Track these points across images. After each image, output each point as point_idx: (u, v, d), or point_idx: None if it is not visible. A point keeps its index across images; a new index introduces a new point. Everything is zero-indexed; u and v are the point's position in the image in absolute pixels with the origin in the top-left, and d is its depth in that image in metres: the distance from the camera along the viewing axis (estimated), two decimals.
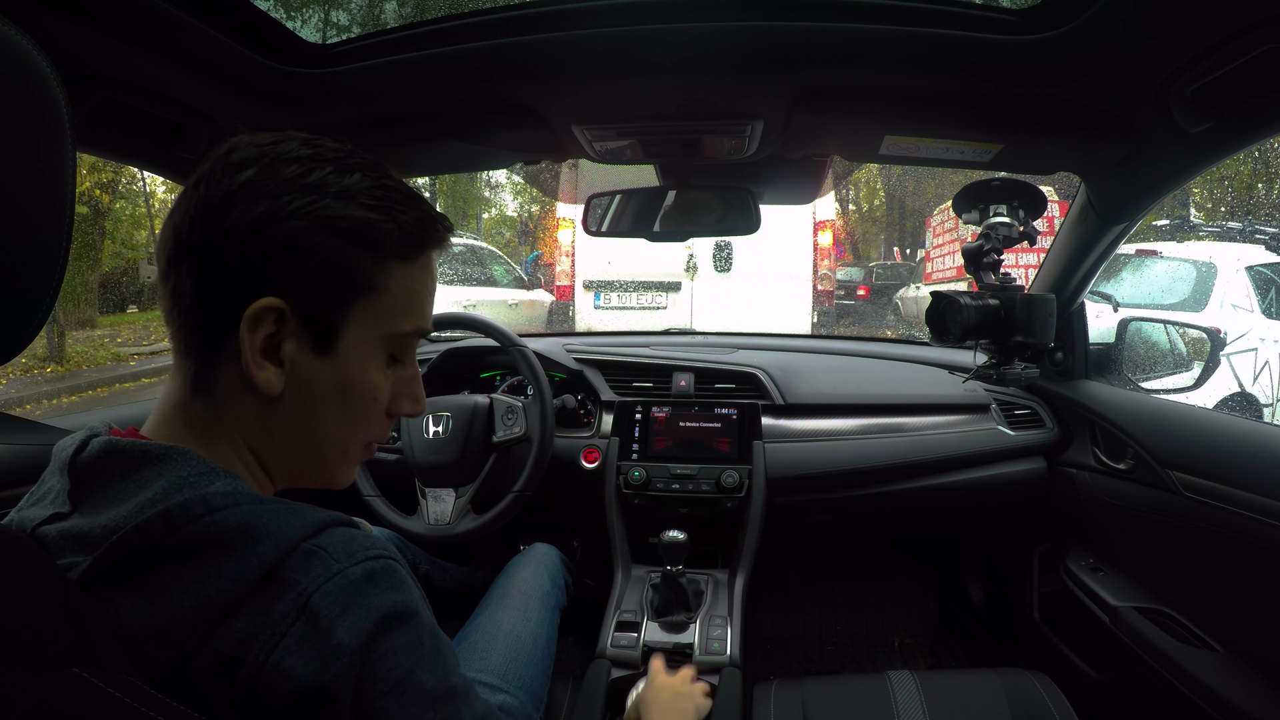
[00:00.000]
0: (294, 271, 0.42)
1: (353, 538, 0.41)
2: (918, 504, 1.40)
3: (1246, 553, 0.90)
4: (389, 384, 0.49)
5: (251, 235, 0.41)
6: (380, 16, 8.58)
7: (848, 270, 12.99)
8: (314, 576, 0.38)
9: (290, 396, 0.45)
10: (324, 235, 0.43)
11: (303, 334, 0.44)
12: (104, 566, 0.37)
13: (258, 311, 0.42)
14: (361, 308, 0.45)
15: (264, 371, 0.43)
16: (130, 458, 0.41)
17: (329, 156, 0.44)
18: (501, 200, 20.35)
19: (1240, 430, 1.01)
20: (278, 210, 0.41)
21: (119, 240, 9.40)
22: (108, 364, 7.10)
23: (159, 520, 0.38)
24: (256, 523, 0.39)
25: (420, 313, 0.49)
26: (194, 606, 0.36)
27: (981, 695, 0.96)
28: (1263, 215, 8.41)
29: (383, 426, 0.51)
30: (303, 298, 0.43)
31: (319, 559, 0.39)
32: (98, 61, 0.69)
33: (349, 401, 0.47)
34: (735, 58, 0.79)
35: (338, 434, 0.48)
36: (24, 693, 0.31)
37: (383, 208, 0.45)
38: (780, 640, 1.76)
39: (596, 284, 5.42)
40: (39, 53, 0.35)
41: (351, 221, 0.43)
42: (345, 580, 0.39)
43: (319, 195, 0.42)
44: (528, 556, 1.15)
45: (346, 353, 0.46)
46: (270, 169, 0.42)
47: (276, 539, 0.38)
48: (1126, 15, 0.66)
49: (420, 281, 0.48)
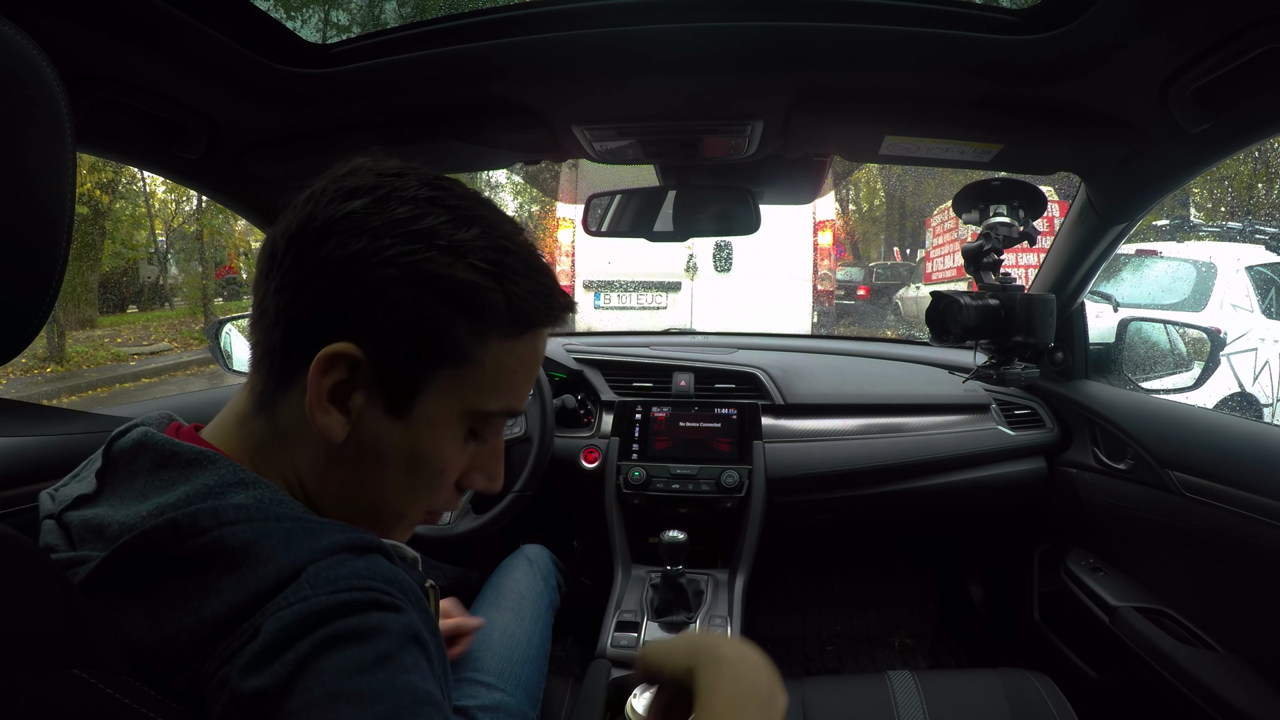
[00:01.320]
0: (379, 322, 0.39)
1: (355, 569, 0.37)
2: (918, 504, 1.40)
3: (1246, 553, 0.90)
4: (464, 458, 0.45)
5: (342, 272, 0.38)
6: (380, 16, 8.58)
7: (848, 270, 13.00)
8: (282, 600, 0.34)
9: (353, 449, 0.42)
10: (419, 291, 0.39)
11: (376, 389, 0.40)
12: (110, 568, 0.37)
13: (331, 356, 0.39)
14: (446, 376, 0.41)
15: (328, 417, 0.40)
16: (160, 455, 0.40)
17: (449, 203, 0.40)
18: (501, 200, 20.34)
19: (1240, 430, 1.01)
20: (376, 252, 0.38)
21: (119, 240, 9.40)
22: (108, 364, 7.10)
23: (166, 529, 0.36)
24: (265, 543, 0.36)
25: (514, 394, 0.44)
26: (189, 626, 0.35)
27: (981, 695, 0.96)
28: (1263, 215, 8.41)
29: (449, 498, 0.47)
30: (383, 352, 0.40)
31: (301, 584, 0.35)
32: (98, 61, 0.69)
33: (415, 470, 0.43)
34: (735, 58, 0.79)
35: (397, 499, 0.44)
36: (24, 693, 0.31)
37: (494, 273, 0.40)
38: (780, 640, 1.76)
39: (596, 284, 5.43)
40: (39, 53, 0.35)
41: (454, 282, 0.39)
42: (307, 608, 0.34)
43: (425, 245, 0.39)
44: (519, 558, 1.15)
45: (421, 419, 0.42)
46: (381, 204, 0.39)
47: (281, 563, 0.35)
48: (1126, 15, 0.66)
49: (520, 360, 0.44)
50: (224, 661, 0.34)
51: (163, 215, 10.78)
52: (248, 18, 0.74)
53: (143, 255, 10.57)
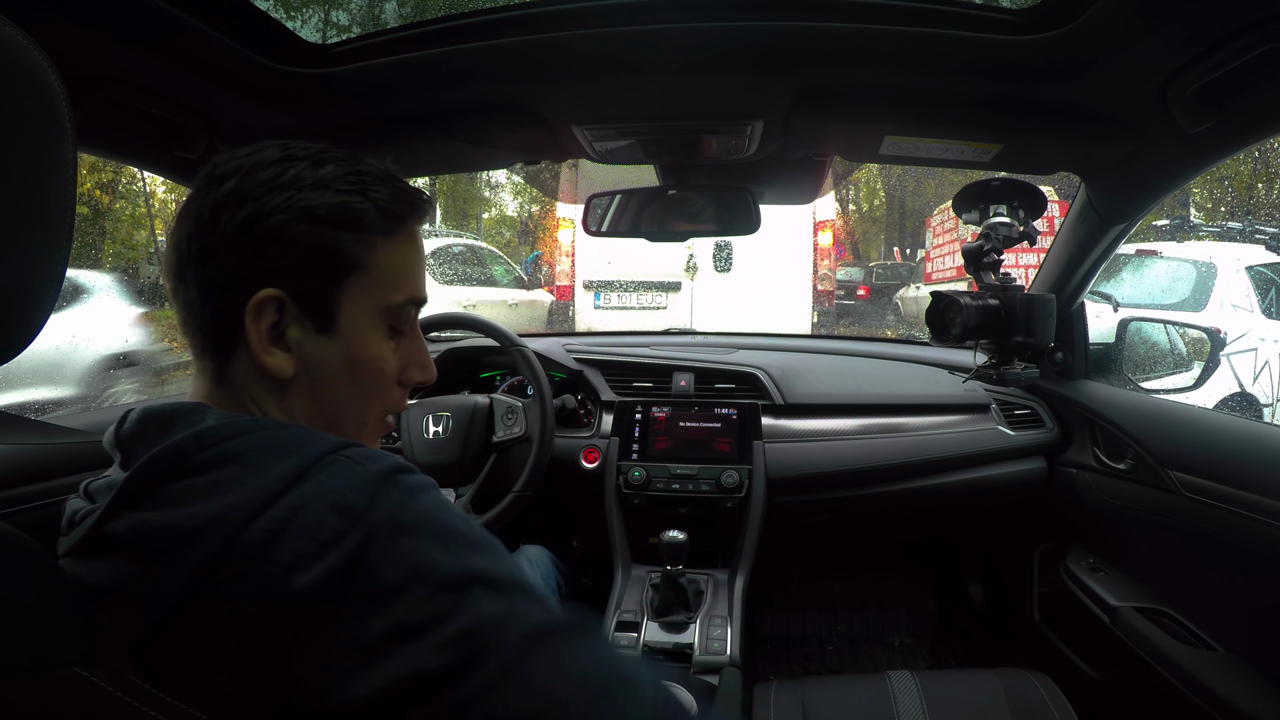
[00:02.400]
0: (284, 262, 0.45)
1: (376, 450, 0.43)
2: (918, 504, 1.40)
3: (1246, 553, 0.90)
4: (395, 355, 0.52)
5: (241, 237, 0.44)
6: (380, 16, 8.59)
7: (848, 270, 12.99)
8: (335, 476, 0.38)
9: (302, 377, 0.48)
10: (305, 224, 0.45)
11: (304, 318, 0.47)
12: (134, 485, 0.39)
13: (258, 303, 0.45)
14: (353, 285, 0.48)
15: (273, 357, 0.46)
16: (163, 417, 0.44)
17: (301, 155, 0.47)
18: (501, 200, 20.34)
19: (1240, 430, 1.01)
20: (260, 210, 0.44)
21: (119, 240, 9.39)
22: None
23: (191, 439, 0.40)
24: (283, 441, 0.40)
25: (410, 283, 0.51)
26: (217, 514, 0.37)
27: (981, 695, 0.96)
28: (1263, 215, 8.41)
29: (396, 396, 0.53)
30: (297, 284, 0.46)
31: (345, 464, 0.39)
32: (98, 61, 0.69)
33: (357, 375, 0.50)
34: (735, 58, 0.79)
35: (352, 408, 0.51)
36: (25, 692, 0.31)
37: (357, 190, 0.47)
38: (780, 640, 1.76)
39: (596, 284, 5.43)
40: (39, 53, 0.35)
41: (329, 208, 0.46)
42: (368, 474, 0.39)
43: (295, 190, 0.45)
44: (519, 558, 1.15)
45: (347, 329, 0.48)
46: (249, 176, 0.45)
47: (299, 454, 0.39)
48: (1126, 15, 0.66)
49: (405, 254, 0.51)
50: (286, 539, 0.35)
51: (163, 215, 10.75)
52: (248, 18, 0.74)
53: (143, 255, 10.57)
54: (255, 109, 0.87)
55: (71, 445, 0.81)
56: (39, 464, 0.78)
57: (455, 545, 0.38)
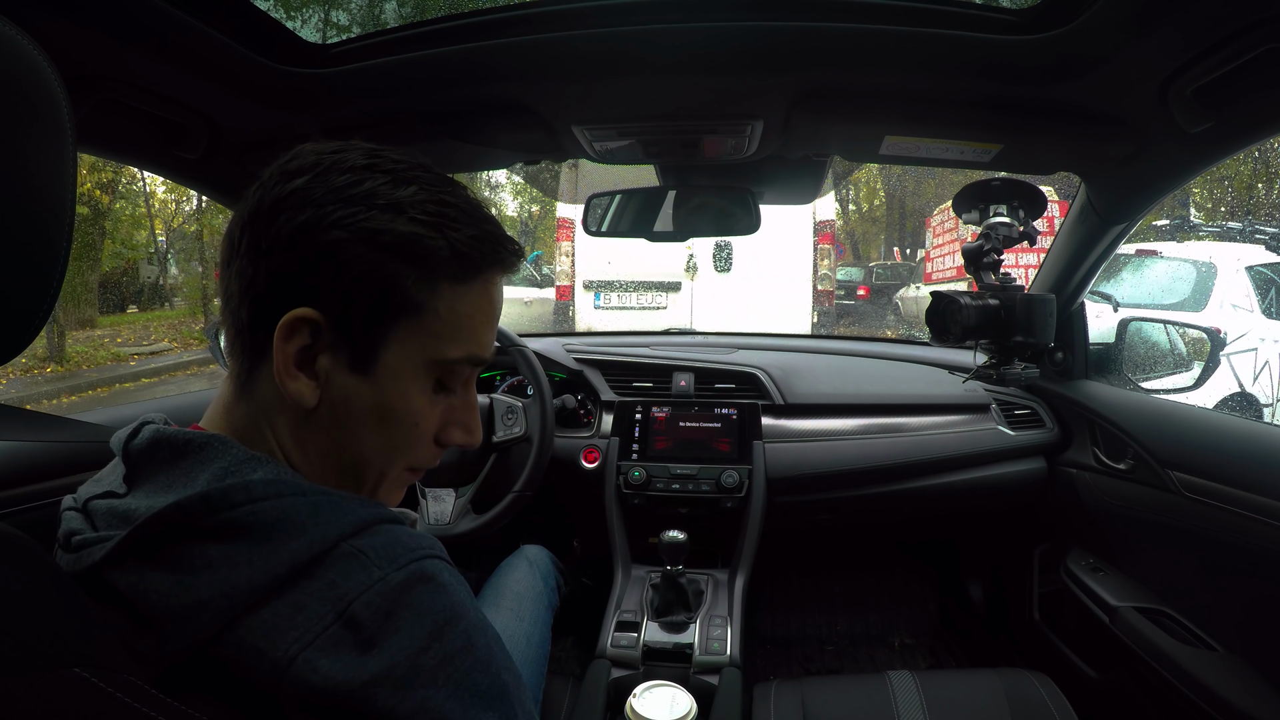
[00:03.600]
0: (333, 284, 0.41)
1: (396, 538, 0.39)
2: (918, 504, 1.40)
3: (1246, 553, 0.90)
4: (437, 411, 0.47)
5: (294, 243, 0.40)
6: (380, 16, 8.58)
7: (848, 270, 12.99)
8: (355, 583, 0.36)
9: (325, 412, 0.43)
10: (366, 248, 0.41)
11: (339, 349, 0.42)
12: (139, 538, 0.37)
13: (291, 322, 0.41)
14: (405, 328, 0.43)
15: (296, 383, 0.42)
16: (176, 445, 0.42)
17: (386, 167, 0.43)
18: (501, 200, 20.33)
19: (1240, 430, 1.01)
20: (321, 219, 0.40)
21: (119, 240, 9.39)
22: (108, 364, 7.10)
23: (199, 500, 0.37)
24: (295, 516, 0.38)
25: (473, 340, 0.46)
26: (221, 593, 0.35)
27: (981, 695, 0.96)
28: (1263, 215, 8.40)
29: (428, 454, 0.48)
30: (340, 312, 0.41)
31: (359, 563, 0.37)
32: (98, 61, 0.69)
33: (387, 425, 0.45)
34: (735, 58, 0.79)
35: (375, 457, 0.46)
36: (25, 692, 0.31)
37: (434, 223, 0.42)
38: (780, 640, 1.76)
39: (596, 284, 5.43)
40: (39, 53, 0.35)
41: (396, 236, 0.41)
42: (387, 587, 0.36)
43: (365, 206, 0.41)
44: (519, 558, 1.15)
45: (386, 374, 0.43)
46: (322, 177, 0.41)
47: (312, 537, 0.37)
48: (1126, 15, 0.66)
49: (474, 306, 0.45)
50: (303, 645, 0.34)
51: (163, 215, 10.78)
52: (248, 18, 0.74)
53: (143, 255, 10.57)
54: (255, 109, 0.87)
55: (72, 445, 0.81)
56: (38, 463, 0.78)
57: (472, 701, 0.37)
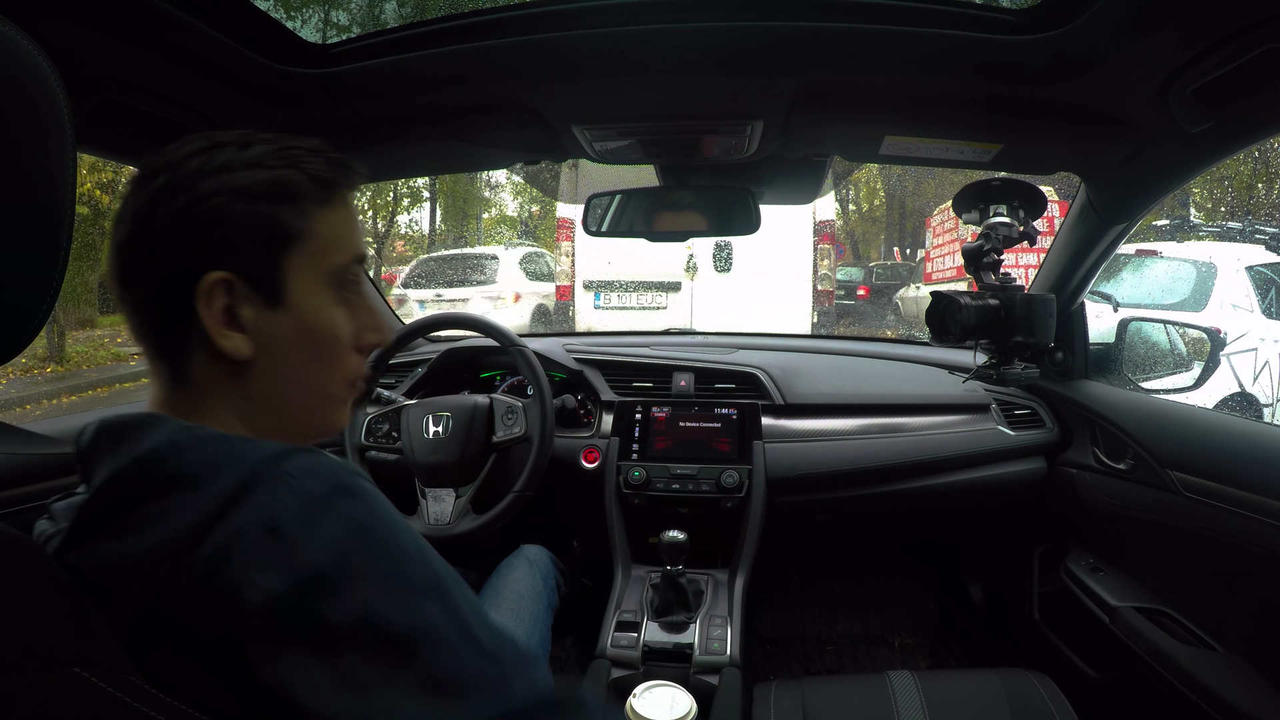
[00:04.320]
0: (227, 243, 0.46)
1: (318, 460, 0.42)
2: (918, 504, 1.40)
3: (1246, 553, 0.90)
4: (348, 321, 0.53)
5: (181, 225, 0.45)
6: (380, 16, 8.59)
7: (848, 270, 12.98)
8: (276, 496, 0.39)
9: (261, 357, 0.48)
10: (243, 202, 0.46)
11: (254, 295, 0.47)
12: (88, 516, 0.39)
13: (207, 287, 0.45)
14: (296, 255, 0.48)
15: (229, 340, 0.46)
16: (115, 429, 0.44)
17: (227, 140, 0.48)
18: (501, 200, 20.33)
19: (1240, 430, 1.01)
20: (196, 195, 0.45)
21: None
22: (108, 364, 7.11)
23: (133, 465, 0.40)
24: (220, 458, 0.40)
25: (350, 244, 0.52)
26: (162, 542, 0.38)
27: (981, 695, 0.96)
28: (1263, 215, 8.41)
29: (355, 363, 0.54)
30: (242, 263, 0.46)
31: (283, 482, 0.40)
32: (98, 61, 0.69)
33: (315, 344, 0.50)
34: (735, 58, 0.79)
35: (314, 380, 0.51)
36: (25, 692, 0.31)
37: (288, 164, 0.48)
38: (780, 640, 1.76)
39: (596, 284, 5.47)
40: (39, 53, 0.35)
41: (263, 183, 0.47)
42: (308, 495, 0.39)
43: (228, 171, 0.46)
44: (518, 558, 1.15)
45: (297, 300, 0.49)
46: (180, 167, 0.46)
47: (235, 469, 0.40)
48: (1126, 15, 0.66)
49: (342, 218, 0.51)
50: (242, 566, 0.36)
51: None
52: (247, 18, 0.74)
53: None
54: (255, 109, 0.87)
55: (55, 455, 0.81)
56: (39, 463, 0.78)
57: (408, 593, 0.39)
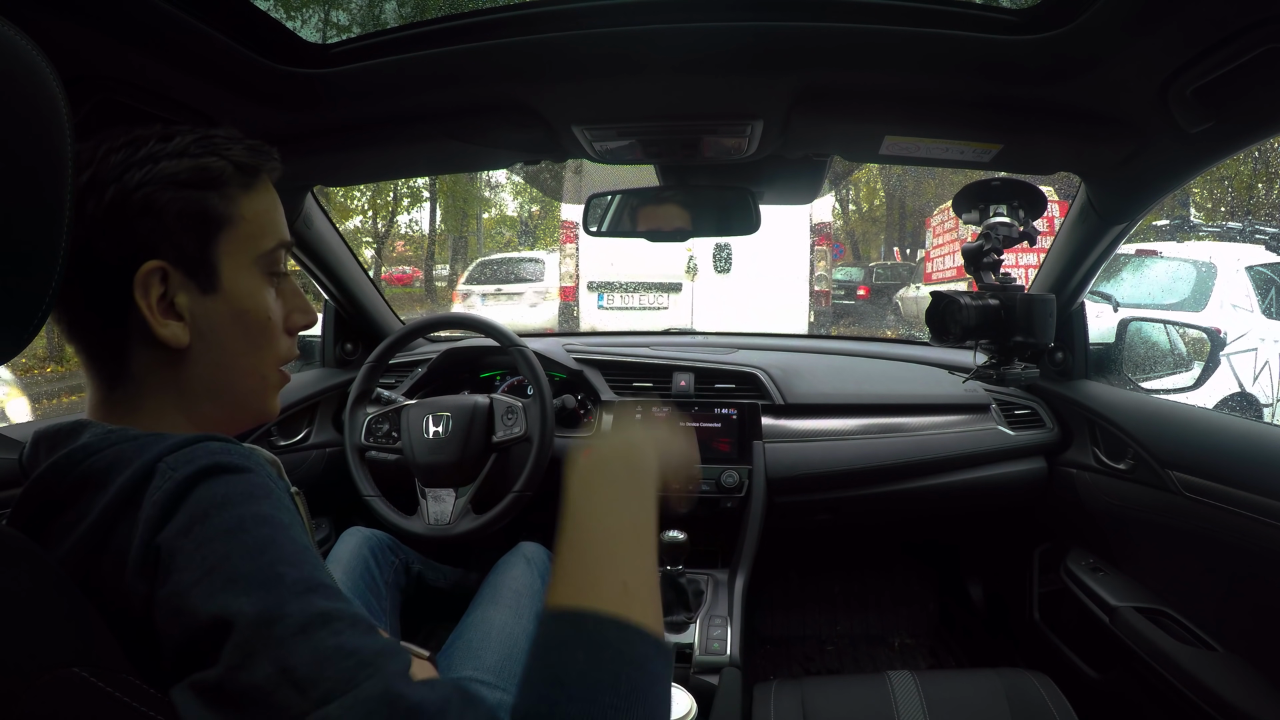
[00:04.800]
0: (159, 231, 0.47)
1: (207, 448, 0.42)
2: (918, 504, 1.40)
3: (1246, 553, 0.90)
4: (278, 304, 0.54)
5: (111, 218, 0.45)
6: (380, 16, 8.60)
7: (848, 270, 13.00)
8: (151, 489, 0.39)
9: (197, 343, 0.49)
10: (171, 190, 0.47)
11: (188, 282, 0.48)
12: (20, 524, 0.41)
13: (143, 277, 0.46)
14: (226, 240, 0.50)
15: (167, 328, 0.47)
16: (50, 438, 0.46)
17: (148, 134, 0.48)
18: (501, 200, 20.35)
19: (1240, 430, 1.01)
20: (124, 187, 0.45)
21: None
22: None
23: (49, 471, 0.41)
24: (125, 455, 0.41)
25: (276, 229, 0.54)
26: (73, 546, 0.39)
27: (981, 695, 0.96)
28: (1263, 215, 8.41)
29: (286, 345, 0.56)
30: (176, 250, 0.47)
31: (162, 472, 0.40)
32: (98, 61, 0.69)
33: (248, 328, 0.52)
34: (735, 58, 0.79)
35: (248, 362, 0.53)
36: (24, 691, 0.31)
37: (212, 152, 0.49)
38: (780, 640, 1.76)
39: (599, 285, 5.61)
40: (39, 53, 0.35)
41: (189, 171, 0.48)
42: (173, 483, 0.39)
43: (154, 162, 0.47)
44: (516, 555, 1.15)
45: (230, 284, 0.50)
46: (103, 163, 0.46)
47: (135, 465, 0.40)
48: (1126, 15, 0.66)
49: (266, 203, 0.53)
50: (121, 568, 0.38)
51: None
52: (247, 18, 0.74)
53: None
54: (255, 109, 0.87)
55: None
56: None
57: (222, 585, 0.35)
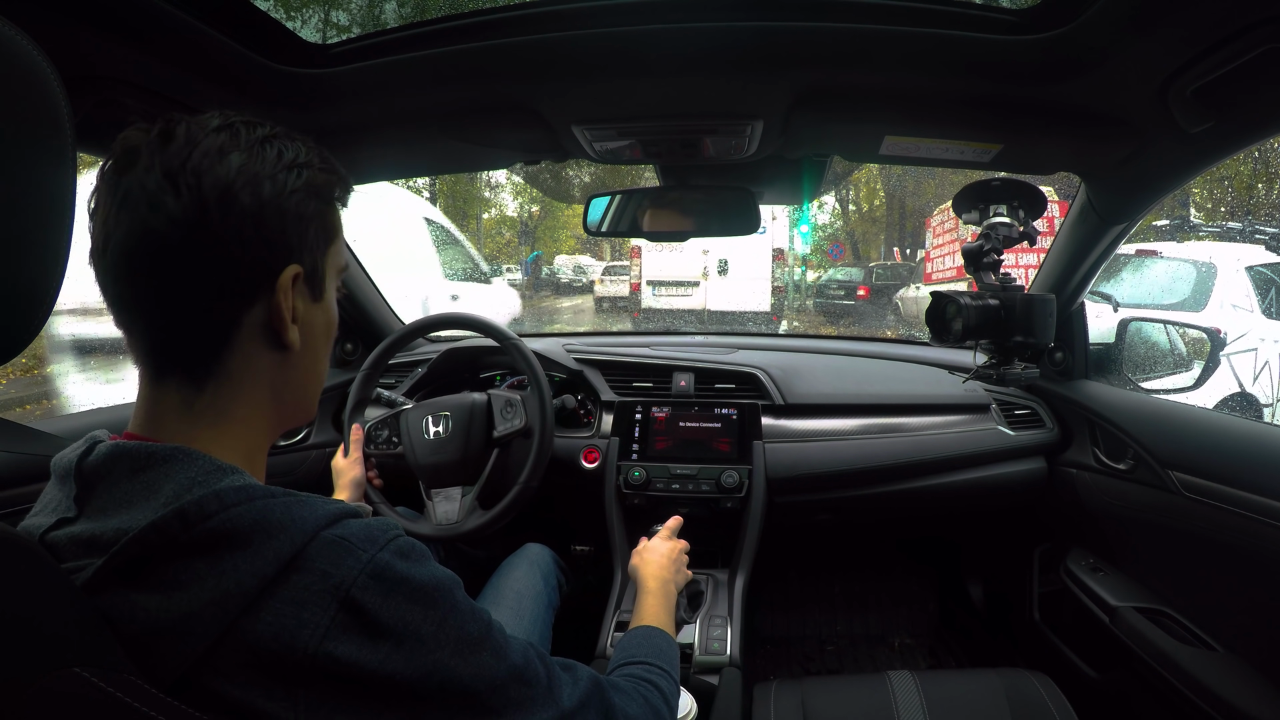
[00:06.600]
0: (303, 238, 0.47)
1: (368, 524, 0.43)
2: (918, 504, 1.40)
3: (1246, 553, 0.90)
4: None
5: (266, 214, 0.44)
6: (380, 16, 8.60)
7: (848, 270, 13.02)
8: (346, 569, 0.40)
9: (298, 349, 0.49)
10: (315, 201, 0.48)
11: (305, 289, 0.49)
12: (119, 564, 0.37)
13: (288, 279, 0.46)
14: (333, 252, 0.51)
15: (292, 331, 0.48)
16: (137, 459, 0.42)
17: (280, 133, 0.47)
18: (501, 200, 20.36)
19: (1240, 430, 1.01)
20: (280, 187, 0.45)
21: None
22: None
23: (174, 517, 0.38)
24: (270, 517, 0.40)
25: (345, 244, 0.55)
26: (212, 601, 0.37)
27: (981, 695, 0.96)
28: (1263, 215, 8.41)
29: None
30: (308, 258, 0.48)
31: (345, 549, 0.40)
32: (98, 61, 0.69)
33: (329, 337, 0.53)
34: (735, 58, 0.79)
35: (323, 367, 0.54)
36: (26, 691, 0.31)
37: (328, 167, 0.50)
38: (780, 640, 1.76)
39: (652, 281, 10.06)
40: (39, 53, 0.35)
41: (324, 184, 0.49)
42: (376, 568, 0.40)
43: (304, 168, 0.47)
44: (520, 556, 1.15)
45: (328, 294, 0.52)
46: (251, 153, 0.44)
47: (291, 532, 0.40)
48: (1126, 15, 0.66)
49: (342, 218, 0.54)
50: (319, 639, 0.38)
51: None
52: (248, 18, 0.74)
53: None
54: (255, 109, 0.86)
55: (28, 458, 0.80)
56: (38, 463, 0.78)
57: (470, 650, 0.44)
